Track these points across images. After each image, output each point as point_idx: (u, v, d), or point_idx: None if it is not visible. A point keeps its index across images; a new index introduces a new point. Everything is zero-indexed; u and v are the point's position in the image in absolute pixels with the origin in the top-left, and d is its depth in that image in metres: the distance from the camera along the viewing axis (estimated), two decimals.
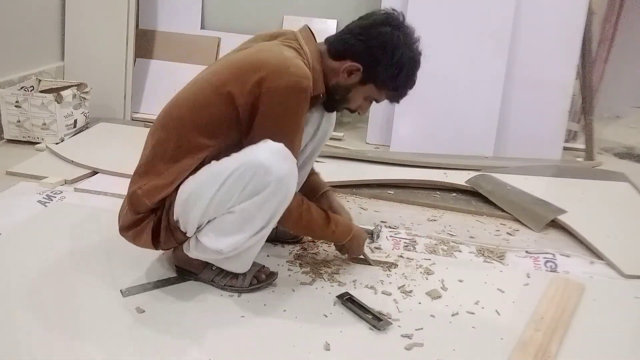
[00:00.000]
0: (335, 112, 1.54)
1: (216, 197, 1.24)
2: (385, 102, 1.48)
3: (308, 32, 1.39)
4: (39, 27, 2.76)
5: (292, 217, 1.35)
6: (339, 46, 1.35)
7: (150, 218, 1.33)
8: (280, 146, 1.22)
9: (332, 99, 1.41)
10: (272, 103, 1.23)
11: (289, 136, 1.26)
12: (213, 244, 1.29)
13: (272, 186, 1.21)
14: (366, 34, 1.31)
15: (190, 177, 1.28)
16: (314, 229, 1.43)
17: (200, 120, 1.28)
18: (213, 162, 1.27)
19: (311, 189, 1.62)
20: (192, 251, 1.36)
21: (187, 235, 1.33)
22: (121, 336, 1.25)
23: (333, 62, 1.35)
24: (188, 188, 1.27)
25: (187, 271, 1.45)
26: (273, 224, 1.30)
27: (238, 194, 1.23)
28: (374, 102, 1.47)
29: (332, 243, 1.57)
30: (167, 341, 1.24)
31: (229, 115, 1.26)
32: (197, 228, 1.31)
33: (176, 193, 1.28)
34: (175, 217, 1.30)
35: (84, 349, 1.20)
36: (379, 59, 1.31)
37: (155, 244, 1.35)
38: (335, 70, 1.35)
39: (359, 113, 1.47)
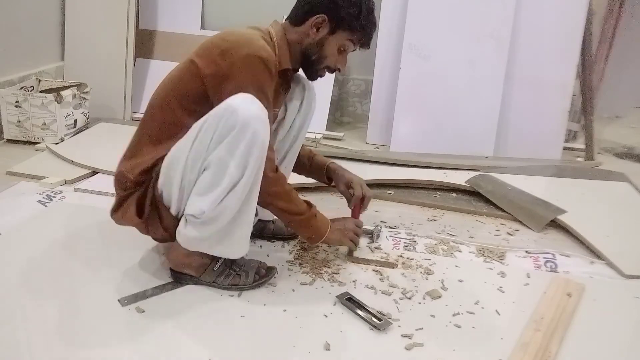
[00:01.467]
0: (314, 82, 1.56)
1: (191, 152, 1.26)
2: (385, 102, 1.48)
3: (274, 20, 1.47)
4: (39, 27, 2.76)
5: (279, 188, 1.37)
6: (299, 11, 1.43)
7: (136, 193, 1.37)
8: (249, 95, 1.25)
9: (310, 62, 1.45)
10: (235, 72, 1.27)
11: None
12: (195, 208, 1.28)
13: (238, 126, 1.21)
14: None
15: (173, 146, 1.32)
16: (296, 211, 1.42)
17: (178, 93, 1.35)
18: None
19: (317, 167, 1.68)
20: (182, 232, 1.34)
21: (171, 211, 1.34)
22: (121, 336, 1.25)
23: (299, 28, 1.42)
24: (169, 154, 1.31)
25: (185, 275, 1.44)
26: (248, 178, 1.25)
27: (209, 142, 1.24)
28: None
29: (312, 237, 1.51)
30: (167, 341, 1.24)
31: (198, 88, 1.31)
32: (182, 199, 1.31)
33: (160, 165, 1.32)
34: (159, 189, 1.33)
35: (84, 349, 1.20)
36: (337, 2, 1.38)
37: (140, 215, 1.36)
38: (304, 33, 1.42)
39: (338, 70, 1.48)
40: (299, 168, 1.69)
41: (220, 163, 1.24)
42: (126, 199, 1.39)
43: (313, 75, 1.49)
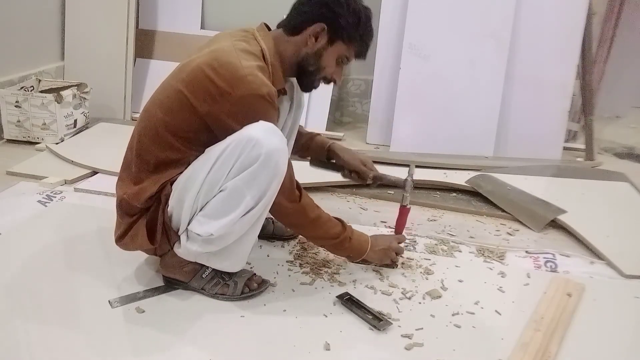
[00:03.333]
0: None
1: (208, 178, 1.24)
2: (385, 102, 1.48)
3: (264, 27, 1.41)
4: (39, 27, 2.76)
5: (306, 219, 1.37)
6: (296, 20, 1.37)
7: (143, 217, 1.34)
8: (270, 124, 1.23)
9: (307, 73, 1.40)
10: (238, 111, 1.23)
11: None
12: (202, 229, 1.27)
13: (261, 159, 1.19)
14: None
15: (188, 167, 1.29)
16: (319, 234, 1.43)
17: (170, 126, 1.29)
18: (207, 149, 1.28)
19: (318, 147, 1.65)
20: (184, 245, 1.32)
21: (179, 233, 1.32)
22: (121, 336, 1.25)
23: (294, 37, 1.37)
24: (184, 175, 1.28)
25: (176, 280, 1.43)
26: (263, 206, 1.26)
27: (228, 171, 1.22)
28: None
29: (350, 256, 1.54)
30: (166, 341, 1.24)
31: (194, 122, 1.27)
32: (187, 221, 1.30)
33: (168, 188, 1.30)
34: (169, 211, 1.31)
35: (84, 348, 1.20)
36: (336, 11, 1.33)
37: (152, 240, 1.34)
38: (301, 43, 1.36)
39: (334, 82, 1.45)
40: (298, 148, 1.66)
41: (238, 191, 1.23)
42: (132, 225, 1.35)
43: (308, 86, 1.45)
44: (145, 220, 1.34)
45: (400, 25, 2.71)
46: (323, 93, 2.92)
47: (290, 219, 1.41)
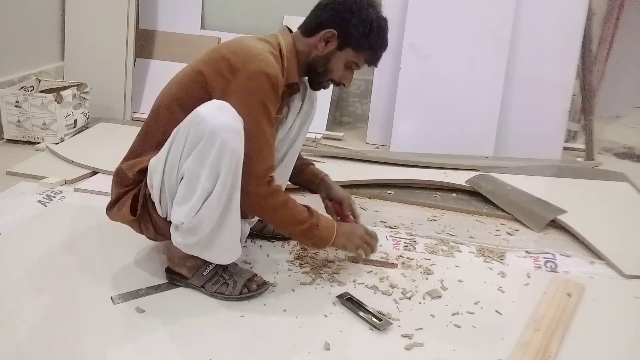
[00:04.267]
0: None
1: (168, 159, 1.26)
2: (384, 102, 1.49)
3: (285, 29, 1.48)
4: (39, 27, 2.76)
5: (275, 201, 1.34)
6: (311, 23, 1.44)
7: (132, 191, 1.38)
8: (223, 103, 1.24)
9: (315, 74, 1.46)
10: (240, 86, 1.27)
11: (256, 116, 1.28)
12: (175, 218, 1.28)
13: (206, 136, 1.19)
14: (332, 2, 1.41)
15: None
16: (296, 221, 1.38)
17: (182, 101, 1.34)
18: None
19: (309, 179, 1.69)
20: (173, 237, 1.34)
21: (159, 212, 1.34)
22: (121, 336, 1.25)
23: (309, 39, 1.43)
24: (154, 157, 1.32)
25: (179, 275, 1.43)
26: (222, 188, 1.23)
27: (181, 151, 1.24)
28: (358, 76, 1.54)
29: (316, 244, 1.48)
30: (166, 341, 1.24)
31: (203, 99, 1.29)
32: (165, 203, 1.32)
33: None
34: (149, 189, 1.34)
35: (84, 348, 1.20)
36: (348, 19, 1.38)
37: (133, 212, 1.36)
38: (313, 45, 1.42)
39: (343, 85, 1.49)
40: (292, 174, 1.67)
41: (192, 173, 1.23)
42: (123, 196, 1.40)
43: (316, 86, 1.51)
44: (134, 193, 1.37)
45: (400, 25, 2.71)
46: (323, 93, 2.91)
47: (257, 205, 1.35)
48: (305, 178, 1.70)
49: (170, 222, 1.34)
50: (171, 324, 1.30)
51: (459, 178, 2.24)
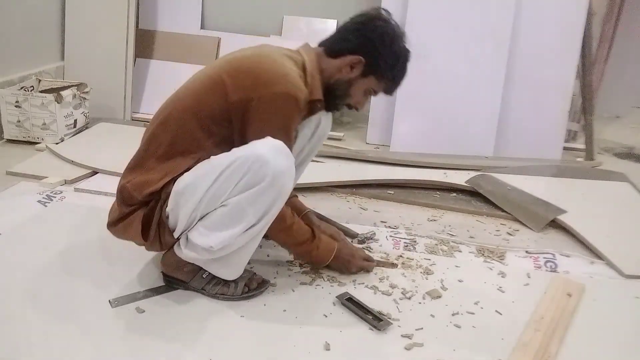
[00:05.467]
0: (332, 113, 1.56)
1: (211, 190, 1.23)
2: (384, 102, 1.49)
3: (307, 44, 1.45)
4: (39, 27, 2.76)
5: (282, 225, 1.36)
6: (338, 44, 1.41)
7: (140, 210, 1.33)
8: (280, 143, 1.22)
9: (333, 96, 1.43)
10: (265, 107, 1.24)
11: (280, 139, 1.25)
12: (203, 240, 1.27)
13: (268, 179, 1.19)
14: (363, 29, 1.38)
15: (189, 171, 1.28)
16: (297, 242, 1.44)
17: (199, 112, 1.30)
18: (212, 157, 1.26)
19: (293, 210, 1.61)
20: (183, 250, 1.33)
21: (174, 234, 1.32)
22: (121, 336, 1.25)
23: (333, 60, 1.40)
24: (185, 180, 1.27)
25: (176, 279, 1.42)
26: (265, 223, 1.27)
27: (233, 186, 1.22)
28: (371, 98, 1.51)
29: (313, 262, 1.54)
30: (167, 341, 1.24)
31: (222, 109, 1.28)
32: (188, 226, 1.29)
33: (170, 187, 1.28)
34: (167, 211, 1.30)
35: (84, 348, 1.20)
36: (379, 49, 1.37)
37: (145, 236, 1.33)
38: (336, 68, 1.40)
39: (356, 109, 1.49)
40: None
41: (240, 209, 1.23)
42: (129, 215, 1.34)
43: (332, 108, 1.49)
44: (143, 214, 1.33)
45: (400, 25, 2.70)
46: None
47: (273, 224, 1.36)
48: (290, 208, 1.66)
49: (176, 239, 1.33)
50: (171, 324, 1.30)
51: (459, 178, 2.24)
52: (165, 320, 1.31)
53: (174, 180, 1.29)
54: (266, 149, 1.20)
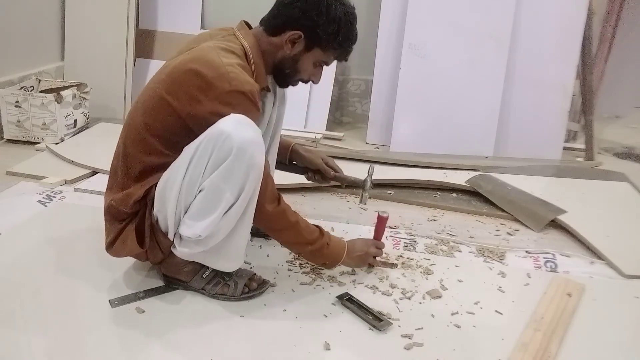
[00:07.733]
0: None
1: (186, 178, 1.22)
2: (384, 102, 1.47)
3: (244, 26, 1.41)
4: (39, 27, 2.76)
5: (285, 221, 1.34)
6: (276, 21, 1.36)
7: (131, 223, 1.33)
8: (241, 116, 1.20)
9: (283, 74, 1.41)
10: (220, 109, 1.21)
11: None
12: (191, 231, 1.25)
13: (234, 152, 1.17)
14: (297, 1, 1.32)
15: (165, 170, 1.27)
16: (306, 241, 1.39)
17: (155, 131, 1.28)
18: (184, 148, 1.25)
19: (281, 148, 1.62)
20: (178, 248, 1.32)
21: (168, 235, 1.31)
22: (121, 336, 1.25)
23: (273, 38, 1.36)
24: (163, 178, 1.27)
25: (176, 280, 1.42)
26: (244, 200, 1.24)
27: (204, 168, 1.21)
28: (325, 69, 1.46)
29: (326, 264, 1.49)
30: (167, 341, 1.24)
31: (178, 125, 1.26)
32: (177, 223, 1.29)
33: (153, 191, 1.29)
34: (155, 214, 1.30)
35: (83, 348, 1.20)
36: (315, 20, 1.31)
37: (141, 244, 1.32)
38: (278, 45, 1.35)
39: (313, 82, 1.44)
40: None
41: (216, 189, 1.21)
42: (122, 231, 1.34)
43: (284, 84, 1.46)
44: (134, 225, 1.33)
45: (400, 25, 2.71)
46: (323, 93, 2.92)
47: (271, 223, 1.36)
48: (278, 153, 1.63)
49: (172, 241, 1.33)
50: (171, 324, 1.30)
51: (459, 178, 2.24)
52: (165, 320, 1.31)
53: (155, 185, 1.29)
54: (227, 123, 1.18)
